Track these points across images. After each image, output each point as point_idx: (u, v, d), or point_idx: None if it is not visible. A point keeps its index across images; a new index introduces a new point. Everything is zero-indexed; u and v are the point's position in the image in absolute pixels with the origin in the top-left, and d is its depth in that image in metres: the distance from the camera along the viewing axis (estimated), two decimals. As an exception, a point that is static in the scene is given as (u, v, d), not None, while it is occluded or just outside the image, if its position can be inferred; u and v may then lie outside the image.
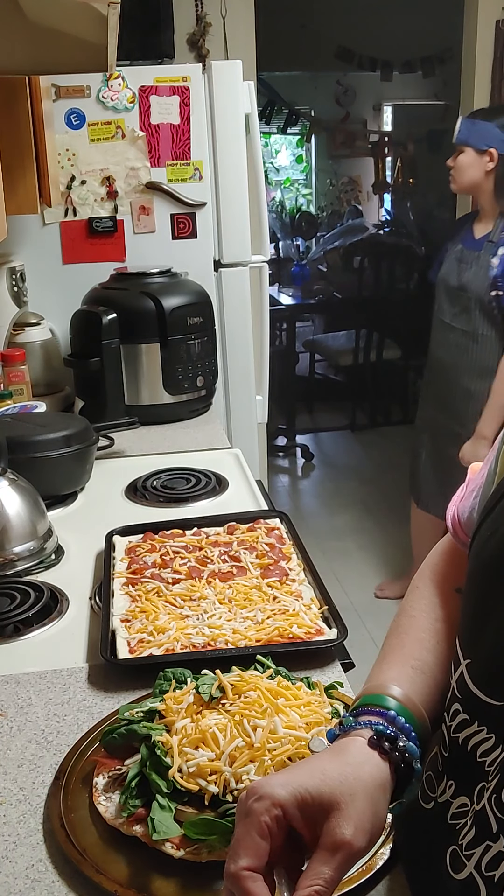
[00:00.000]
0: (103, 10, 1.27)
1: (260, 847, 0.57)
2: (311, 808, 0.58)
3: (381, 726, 0.66)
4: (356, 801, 0.59)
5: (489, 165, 2.66)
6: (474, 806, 0.62)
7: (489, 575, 0.67)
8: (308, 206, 8.28)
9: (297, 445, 5.32)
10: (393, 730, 0.66)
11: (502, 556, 0.66)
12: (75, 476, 1.77)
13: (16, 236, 2.46)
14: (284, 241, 7.56)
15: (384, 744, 0.65)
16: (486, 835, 0.60)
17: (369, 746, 0.65)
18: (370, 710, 0.69)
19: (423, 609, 0.81)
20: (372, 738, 0.65)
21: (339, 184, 8.07)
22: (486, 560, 0.69)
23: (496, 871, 0.59)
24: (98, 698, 1.08)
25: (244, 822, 0.58)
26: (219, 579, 1.28)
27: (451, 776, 0.67)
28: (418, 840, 0.71)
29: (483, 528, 0.71)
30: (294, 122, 7.41)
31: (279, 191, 8.34)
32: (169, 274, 2.36)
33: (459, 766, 0.66)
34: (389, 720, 0.67)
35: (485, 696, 0.63)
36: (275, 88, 6.86)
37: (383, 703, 0.69)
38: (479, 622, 0.67)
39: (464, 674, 0.67)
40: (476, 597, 0.69)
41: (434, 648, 0.76)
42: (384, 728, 0.66)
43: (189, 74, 2.52)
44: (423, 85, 6.52)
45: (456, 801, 0.65)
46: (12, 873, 0.81)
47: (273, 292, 5.98)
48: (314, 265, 6.98)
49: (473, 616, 0.69)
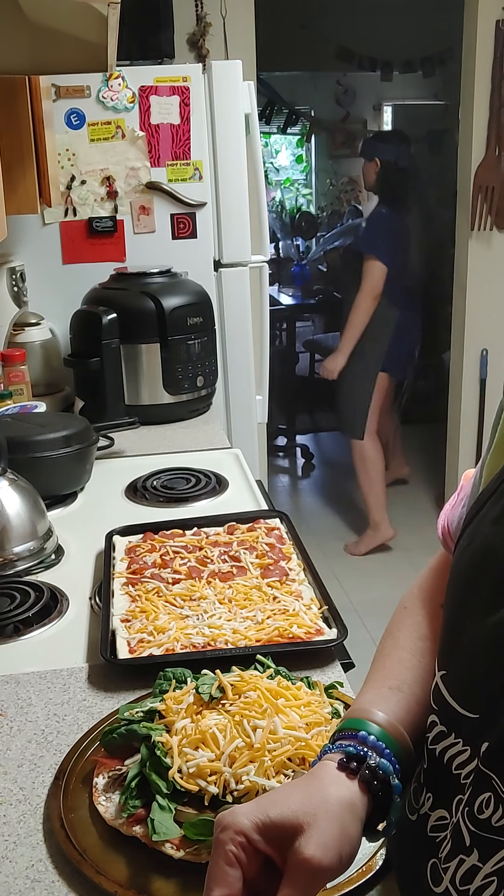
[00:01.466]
0: (103, 10, 1.27)
1: (229, 875, 0.58)
2: (274, 832, 0.59)
3: (350, 748, 0.66)
4: (319, 820, 0.60)
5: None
6: (452, 819, 0.62)
7: (464, 585, 0.68)
8: (308, 206, 8.27)
9: (297, 445, 5.32)
10: (363, 749, 0.66)
11: (477, 566, 0.66)
12: (75, 476, 1.77)
13: (16, 236, 2.46)
14: (284, 241, 7.56)
15: (352, 764, 0.65)
16: (461, 848, 0.60)
17: (338, 769, 0.65)
18: (345, 735, 0.69)
19: (407, 628, 0.80)
20: (341, 761, 0.66)
21: (339, 184, 8.06)
22: (461, 570, 0.69)
23: (470, 885, 0.58)
24: (98, 698, 1.08)
25: (213, 853, 0.60)
26: (219, 579, 1.28)
27: (429, 788, 0.67)
28: (406, 851, 0.71)
29: (463, 539, 0.71)
30: (294, 122, 7.40)
31: (279, 191, 8.34)
32: (169, 274, 2.36)
33: (436, 778, 0.65)
34: (360, 741, 0.67)
35: (460, 707, 0.63)
36: (275, 88, 6.86)
37: (358, 726, 0.69)
38: (454, 632, 0.67)
39: (439, 685, 0.67)
40: (452, 607, 0.69)
41: (415, 666, 0.75)
42: (354, 749, 0.66)
43: (189, 74, 2.52)
44: (423, 85, 6.52)
45: (434, 813, 0.65)
46: (12, 873, 0.81)
47: (273, 292, 5.98)
48: (314, 265, 6.97)
49: (449, 626, 0.69)
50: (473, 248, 3.75)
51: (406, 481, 4.68)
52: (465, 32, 3.64)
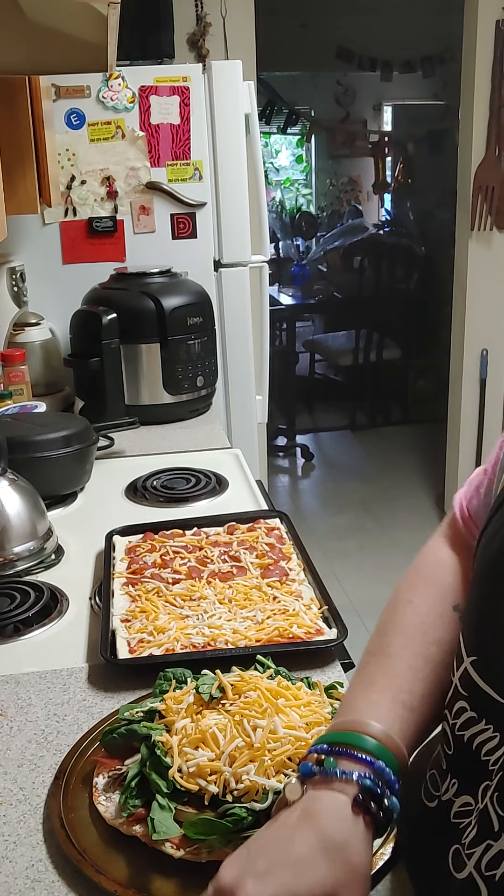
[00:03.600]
0: (103, 10, 1.27)
1: None
2: None
3: (367, 780, 0.62)
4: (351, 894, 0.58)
5: None
6: (478, 805, 0.62)
7: (495, 572, 0.67)
8: (308, 206, 8.28)
9: (297, 445, 5.32)
10: (380, 785, 0.62)
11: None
12: (75, 476, 1.77)
13: (16, 236, 2.46)
14: (284, 241, 7.56)
15: (370, 805, 0.61)
16: (488, 833, 0.60)
17: (354, 808, 0.61)
18: (352, 754, 0.64)
19: (417, 629, 0.76)
20: (357, 798, 0.62)
21: (339, 184, 8.06)
22: (492, 557, 0.68)
23: (497, 870, 0.58)
24: (98, 698, 1.08)
25: None
26: (219, 579, 1.28)
27: (454, 774, 0.66)
28: (422, 839, 0.70)
29: (491, 525, 0.71)
30: (294, 122, 7.40)
31: (279, 191, 8.34)
32: (169, 274, 2.36)
33: (463, 764, 0.65)
34: (377, 773, 0.63)
35: (495, 693, 0.63)
36: (275, 88, 6.86)
37: (366, 746, 0.65)
38: (485, 619, 0.67)
39: (468, 671, 0.66)
40: (482, 593, 0.69)
41: (426, 678, 0.72)
42: (372, 784, 0.62)
43: (189, 74, 2.52)
44: (423, 85, 6.52)
45: (459, 799, 0.65)
46: (12, 873, 0.81)
47: (273, 292, 5.98)
48: (314, 265, 6.98)
49: (480, 613, 0.68)
50: (473, 248, 3.75)
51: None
52: (465, 32, 3.64)
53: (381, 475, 4.89)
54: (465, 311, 3.83)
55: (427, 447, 4.95)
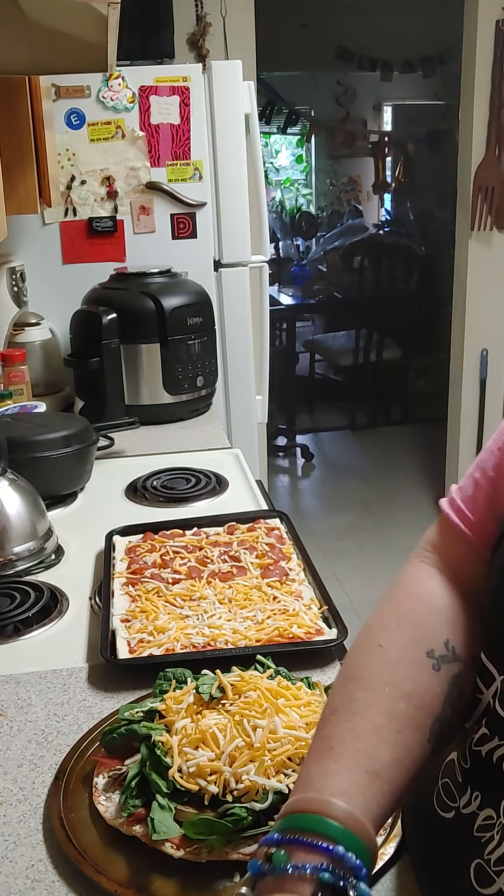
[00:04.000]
0: (103, 10, 1.27)
1: None
2: None
3: (326, 874, 0.52)
4: None
5: None
6: (500, 819, 0.60)
7: None
8: (308, 206, 8.28)
9: (297, 445, 5.32)
10: (341, 874, 0.53)
11: None
12: (75, 476, 1.77)
13: (16, 236, 2.46)
14: (284, 241, 7.56)
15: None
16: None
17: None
18: (306, 842, 0.54)
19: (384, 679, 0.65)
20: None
21: (339, 184, 8.06)
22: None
23: None
24: (98, 698, 1.08)
25: None
26: (219, 579, 1.28)
27: (475, 788, 0.64)
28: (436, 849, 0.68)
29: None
30: (294, 122, 7.40)
31: (279, 191, 8.34)
32: (169, 274, 2.36)
33: (484, 778, 0.63)
34: (336, 861, 0.53)
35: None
36: (275, 88, 6.86)
37: (325, 829, 0.55)
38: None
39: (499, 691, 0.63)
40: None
41: (393, 740, 0.62)
42: (331, 877, 0.52)
43: (189, 74, 2.52)
44: (423, 85, 6.52)
45: (482, 812, 0.63)
46: (12, 873, 0.81)
47: (273, 292, 5.98)
48: (314, 265, 6.98)
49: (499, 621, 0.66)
50: (473, 248, 3.75)
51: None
52: (465, 32, 3.64)
53: (381, 475, 4.89)
54: (465, 311, 3.83)
55: (427, 447, 4.95)
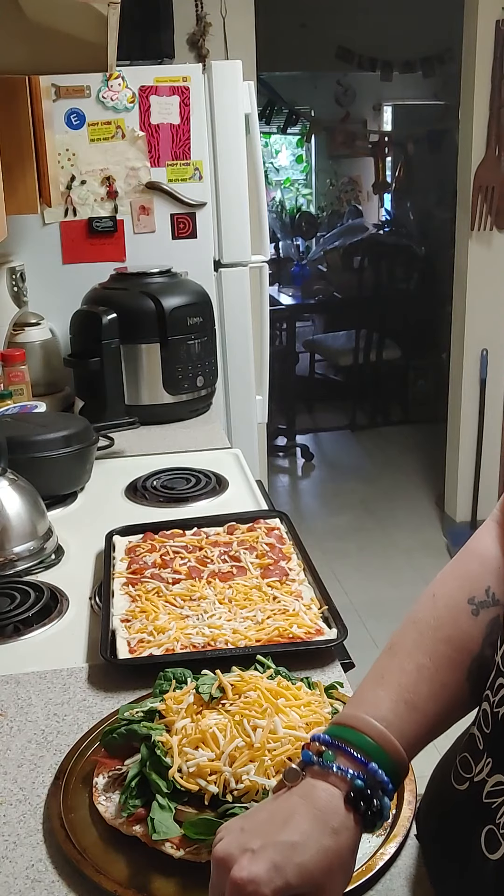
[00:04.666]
0: (103, 10, 1.27)
1: None
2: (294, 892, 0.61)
3: (359, 781, 0.65)
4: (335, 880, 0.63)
5: None
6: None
7: None
8: (308, 206, 8.27)
9: (297, 445, 5.32)
10: (371, 786, 0.65)
11: None
12: (75, 476, 1.77)
13: (16, 236, 2.46)
14: (284, 241, 7.56)
15: (360, 804, 0.64)
16: None
17: (345, 805, 0.64)
18: (348, 752, 0.66)
19: (430, 625, 0.75)
20: (349, 796, 0.64)
21: (339, 184, 8.06)
22: None
23: None
24: (98, 698, 1.08)
25: None
26: (219, 579, 1.28)
27: (490, 754, 0.67)
28: (447, 823, 0.71)
29: None
30: (294, 122, 7.40)
31: (279, 191, 8.34)
32: (169, 274, 2.36)
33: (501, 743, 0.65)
34: (370, 774, 0.65)
35: None
36: (275, 88, 6.86)
37: (364, 745, 0.67)
38: None
39: None
40: None
41: (432, 679, 0.71)
42: (363, 785, 0.64)
43: (189, 74, 2.52)
44: (423, 85, 6.52)
45: (492, 778, 0.65)
46: (12, 873, 0.81)
47: (273, 292, 5.98)
48: (314, 265, 6.98)
49: None
50: (473, 248, 3.75)
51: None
52: (465, 32, 3.64)
53: (381, 475, 4.89)
54: (465, 311, 3.83)
55: (427, 447, 4.95)
